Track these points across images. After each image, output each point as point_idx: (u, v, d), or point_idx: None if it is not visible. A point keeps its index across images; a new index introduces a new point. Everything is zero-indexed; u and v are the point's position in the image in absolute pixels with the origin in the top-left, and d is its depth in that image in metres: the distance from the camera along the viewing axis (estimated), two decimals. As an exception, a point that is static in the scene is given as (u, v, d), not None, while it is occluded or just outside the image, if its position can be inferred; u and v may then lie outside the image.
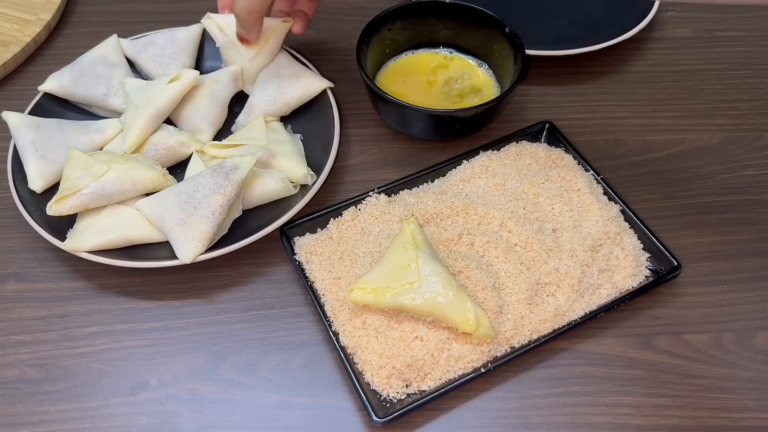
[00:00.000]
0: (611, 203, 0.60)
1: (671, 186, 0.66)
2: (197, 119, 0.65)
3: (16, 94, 0.74)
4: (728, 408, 0.52)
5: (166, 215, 0.55)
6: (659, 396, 0.52)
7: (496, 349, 0.51)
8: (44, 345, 0.55)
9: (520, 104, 0.73)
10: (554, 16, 0.82)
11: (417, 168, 0.64)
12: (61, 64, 0.70)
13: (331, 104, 0.66)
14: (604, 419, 0.51)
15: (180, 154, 0.63)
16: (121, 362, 0.54)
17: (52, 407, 0.52)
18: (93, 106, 0.68)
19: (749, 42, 0.80)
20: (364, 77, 0.64)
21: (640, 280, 0.56)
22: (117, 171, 0.57)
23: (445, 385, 0.50)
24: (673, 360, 0.54)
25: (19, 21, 0.78)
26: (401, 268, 0.51)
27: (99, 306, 0.57)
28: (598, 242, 0.57)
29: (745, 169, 0.67)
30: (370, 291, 0.50)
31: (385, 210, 0.59)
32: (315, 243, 0.57)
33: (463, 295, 0.50)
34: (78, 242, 0.55)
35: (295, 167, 0.61)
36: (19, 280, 0.59)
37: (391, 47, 0.72)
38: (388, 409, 0.49)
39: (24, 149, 0.61)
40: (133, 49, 0.71)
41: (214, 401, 0.52)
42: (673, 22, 0.83)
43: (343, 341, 0.52)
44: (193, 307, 0.57)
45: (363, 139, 0.70)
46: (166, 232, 0.55)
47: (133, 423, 0.51)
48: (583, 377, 0.53)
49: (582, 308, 0.54)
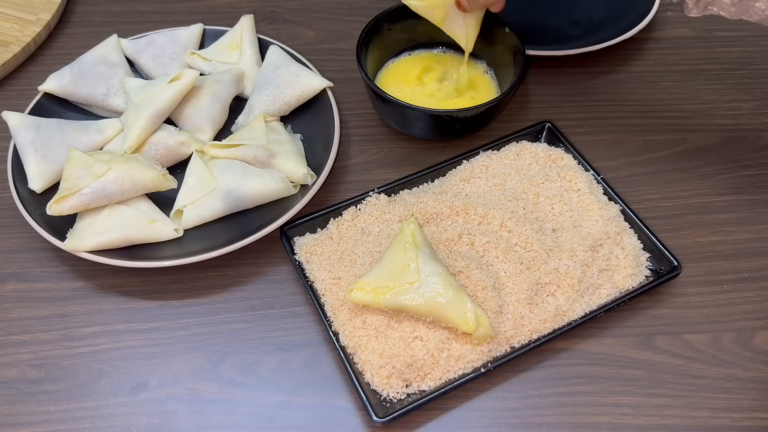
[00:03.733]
0: (611, 203, 0.60)
1: (671, 186, 0.66)
2: (199, 118, 0.65)
3: (16, 94, 0.74)
4: (728, 408, 0.52)
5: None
6: (659, 396, 0.52)
7: (496, 349, 0.51)
8: (44, 345, 0.55)
9: (520, 104, 0.73)
10: (554, 16, 0.82)
11: (417, 168, 0.64)
12: (61, 64, 0.70)
13: (331, 104, 0.66)
14: (603, 419, 0.51)
15: (180, 154, 0.63)
16: (121, 362, 0.54)
17: (52, 407, 0.52)
18: (93, 106, 0.68)
19: (749, 42, 0.80)
20: (364, 77, 0.64)
21: (640, 280, 0.56)
22: (117, 171, 0.57)
23: (445, 385, 0.50)
24: (673, 360, 0.54)
25: (19, 21, 0.78)
26: (401, 268, 0.51)
27: (99, 306, 0.57)
28: (598, 242, 0.57)
29: (745, 169, 0.67)
30: (369, 291, 0.50)
31: (385, 210, 0.59)
32: (315, 243, 0.57)
33: (463, 295, 0.50)
34: (78, 242, 0.55)
35: (295, 167, 0.61)
36: (19, 280, 0.59)
37: (391, 47, 0.72)
38: (388, 409, 0.49)
39: (24, 149, 0.61)
40: (133, 49, 0.71)
41: (214, 401, 0.52)
42: (673, 22, 0.83)
43: (343, 341, 0.52)
44: (193, 307, 0.57)
45: (363, 139, 0.70)
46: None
47: (133, 423, 0.51)
48: (583, 377, 0.53)
49: (582, 308, 0.54)
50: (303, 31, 0.81)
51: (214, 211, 0.59)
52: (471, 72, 0.71)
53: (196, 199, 0.58)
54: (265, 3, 0.84)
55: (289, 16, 0.83)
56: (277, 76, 0.67)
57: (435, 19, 0.65)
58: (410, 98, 0.66)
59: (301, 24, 0.82)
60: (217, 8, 0.84)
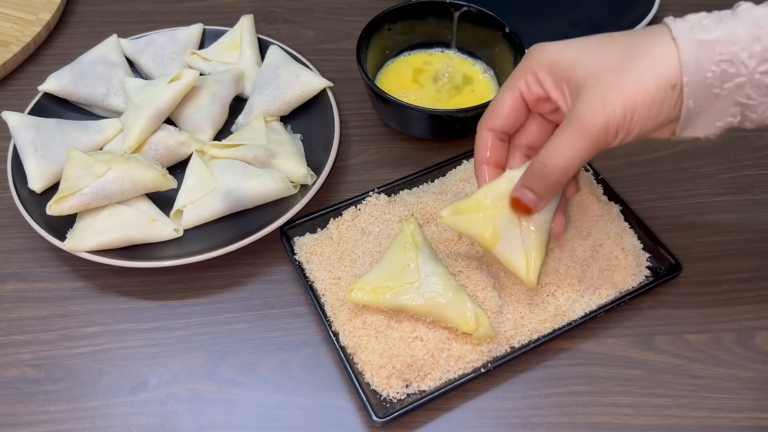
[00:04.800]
0: (611, 203, 0.60)
1: (671, 186, 0.66)
2: (199, 118, 0.65)
3: (16, 94, 0.74)
4: (728, 408, 0.51)
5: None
6: (659, 396, 0.52)
7: (496, 349, 0.51)
8: (44, 345, 0.55)
9: (520, 104, 0.73)
10: (554, 16, 0.82)
11: (417, 168, 0.64)
12: (61, 64, 0.70)
13: (331, 104, 0.66)
14: (603, 419, 0.51)
15: (180, 154, 0.63)
16: (121, 362, 0.54)
17: (52, 407, 0.52)
18: (93, 106, 0.68)
19: (749, 42, 0.80)
20: (364, 77, 0.64)
21: (640, 280, 0.56)
22: (117, 171, 0.57)
23: (445, 385, 0.50)
24: (673, 360, 0.54)
25: (19, 21, 0.78)
26: (401, 268, 0.51)
27: (99, 306, 0.57)
28: (598, 242, 0.57)
29: (745, 169, 0.67)
30: (369, 291, 0.50)
31: (385, 210, 0.59)
32: (315, 243, 0.57)
33: (463, 295, 0.50)
34: (78, 242, 0.55)
35: (295, 167, 0.61)
36: (19, 280, 0.59)
37: (391, 47, 0.72)
38: (388, 409, 0.49)
39: (24, 149, 0.61)
40: (133, 49, 0.71)
41: (214, 401, 0.52)
42: (673, 22, 0.83)
43: (343, 341, 0.52)
44: (193, 307, 0.57)
45: (363, 139, 0.70)
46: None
47: (133, 423, 0.51)
48: (583, 377, 0.53)
49: (582, 308, 0.54)
50: (303, 31, 0.81)
51: (214, 211, 0.59)
52: (466, 68, 0.71)
53: (196, 199, 0.58)
54: (265, 3, 0.84)
55: (289, 16, 0.83)
56: (277, 76, 0.67)
57: (485, 240, 0.49)
58: (410, 98, 0.66)
59: (301, 24, 0.82)
60: (217, 8, 0.84)
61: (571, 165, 0.44)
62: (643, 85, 0.41)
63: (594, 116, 0.42)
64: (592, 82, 0.42)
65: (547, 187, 0.45)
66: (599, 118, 0.42)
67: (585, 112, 0.42)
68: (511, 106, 0.48)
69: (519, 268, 0.49)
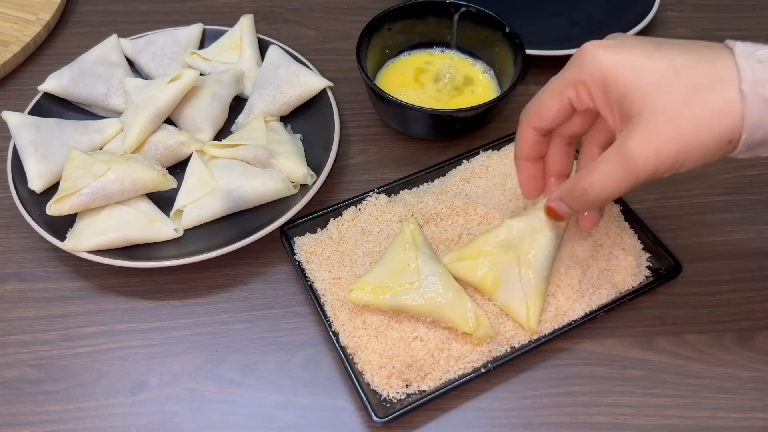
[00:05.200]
0: (611, 203, 0.60)
1: (671, 186, 0.66)
2: (199, 118, 0.65)
3: (16, 94, 0.74)
4: (728, 408, 0.51)
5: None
6: (659, 396, 0.52)
7: (496, 349, 0.51)
8: (44, 345, 0.55)
9: (520, 104, 0.72)
10: (554, 16, 0.82)
11: (417, 168, 0.64)
12: (61, 64, 0.70)
13: (330, 104, 0.66)
14: (603, 419, 0.51)
15: (180, 154, 0.63)
16: (121, 362, 0.54)
17: (52, 407, 0.52)
18: (93, 106, 0.68)
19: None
20: (364, 77, 0.64)
21: (640, 280, 0.56)
22: (117, 171, 0.57)
23: (445, 385, 0.50)
24: (673, 360, 0.54)
25: (19, 21, 0.78)
26: (401, 268, 0.51)
27: (99, 306, 0.57)
28: (598, 242, 0.57)
29: (745, 169, 0.67)
30: (369, 291, 0.50)
31: (385, 210, 0.59)
32: (315, 243, 0.57)
33: (463, 295, 0.50)
34: (78, 242, 0.55)
35: (295, 167, 0.61)
36: (19, 280, 0.59)
37: (391, 47, 0.72)
38: (388, 409, 0.49)
39: (24, 149, 0.61)
40: (133, 49, 0.71)
41: (214, 401, 0.52)
42: (673, 22, 0.83)
43: (343, 341, 0.52)
44: (193, 307, 0.57)
45: (363, 139, 0.70)
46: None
47: (133, 423, 0.51)
48: (583, 377, 0.53)
49: (582, 308, 0.54)
50: (303, 31, 0.81)
51: (214, 211, 0.59)
52: (467, 69, 0.71)
53: (196, 199, 0.58)
54: (265, 3, 0.84)
55: (289, 16, 0.83)
56: (277, 76, 0.67)
57: (485, 286, 0.52)
58: (410, 98, 0.66)
59: (301, 24, 0.82)
60: (217, 8, 0.84)
61: (612, 196, 0.44)
62: (701, 142, 0.40)
63: (645, 161, 0.41)
64: (647, 118, 0.41)
65: (583, 207, 0.47)
66: (650, 164, 0.41)
67: (636, 155, 0.41)
68: (559, 110, 0.47)
69: (519, 315, 0.51)
